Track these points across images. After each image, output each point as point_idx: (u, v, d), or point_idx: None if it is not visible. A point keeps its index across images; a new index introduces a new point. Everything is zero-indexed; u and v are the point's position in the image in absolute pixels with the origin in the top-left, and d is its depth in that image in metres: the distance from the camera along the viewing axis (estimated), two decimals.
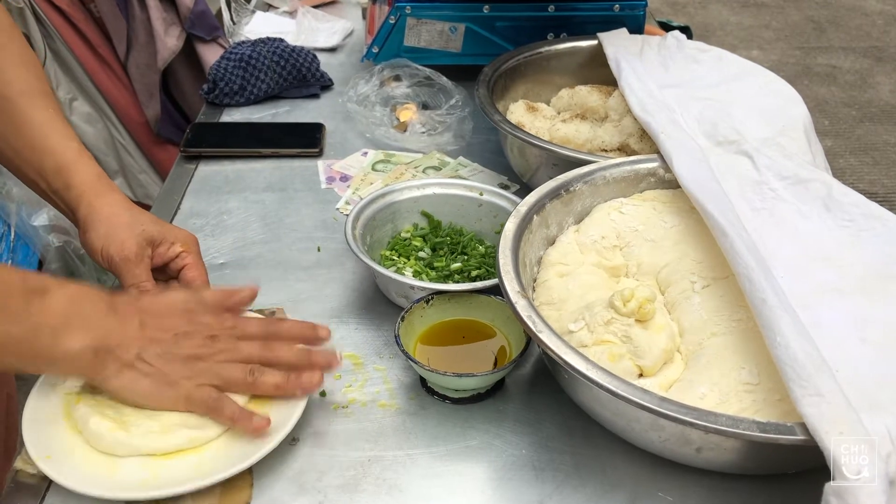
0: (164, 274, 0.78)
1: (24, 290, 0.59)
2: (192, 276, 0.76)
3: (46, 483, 0.63)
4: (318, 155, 1.11)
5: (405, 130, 1.13)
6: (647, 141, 0.94)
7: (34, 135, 0.76)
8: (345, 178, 1.06)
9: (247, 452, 0.62)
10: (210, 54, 1.72)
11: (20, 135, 0.76)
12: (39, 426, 0.64)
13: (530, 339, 0.68)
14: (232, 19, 1.57)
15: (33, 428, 0.63)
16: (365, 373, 0.75)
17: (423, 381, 0.73)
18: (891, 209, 0.75)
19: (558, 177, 0.81)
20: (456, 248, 0.86)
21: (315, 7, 1.62)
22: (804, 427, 0.53)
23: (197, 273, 0.77)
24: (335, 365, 0.68)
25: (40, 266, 1.66)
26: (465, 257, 0.85)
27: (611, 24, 1.16)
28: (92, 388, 0.66)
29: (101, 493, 0.59)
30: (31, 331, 0.59)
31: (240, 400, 0.65)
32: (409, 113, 1.15)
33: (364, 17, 1.55)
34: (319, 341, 0.70)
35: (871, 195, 0.76)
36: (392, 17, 1.23)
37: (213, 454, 0.63)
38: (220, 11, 1.64)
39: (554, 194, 0.79)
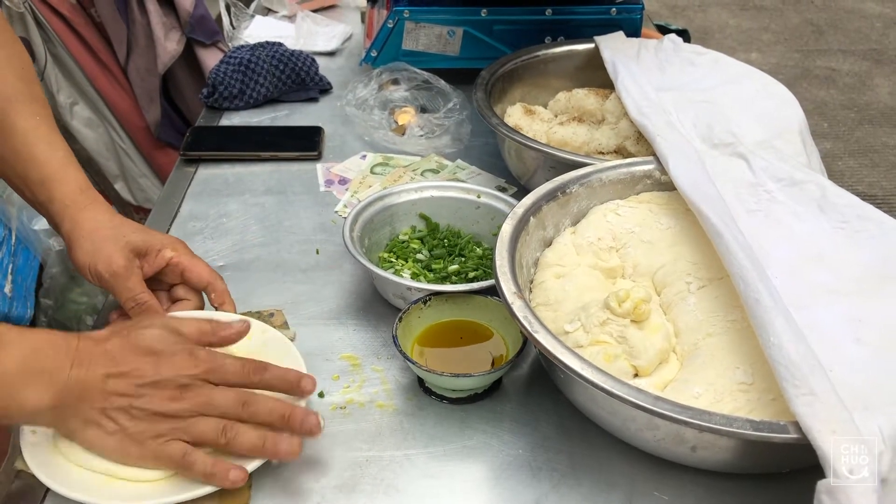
0: (161, 283, 0.77)
1: None
2: (195, 275, 0.76)
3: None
4: (317, 158, 1.12)
5: (403, 133, 1.14)
6: (643, 143, 0.95)
7: (18, 143, 0.74)
8: (343, 181, 1.07)
9: (245, 459, 0.62)
10: (210, 58, 1.73)
11: (6, 144, 0.74)
12: (36, 438, 0.63)
13: (527, 339, 0.69)
14: (231, 24, 1.58)
15: (30, 439, 0.63)
16: (363, 374, 0.75)
17: (420, 381, 0.73)
18: (890, 212, 0.76)
19: (555, 179, 0.81)
20: (454, 250, 0.87)
21: (314, 11, 1.63)
22: (797, 426, 0.54)
23: (197, 272, 0.76)
24: (317, 433, 0.62)
25: (41, 270, 1.66)
26: (463, 259, 0.85)
27: (608, 27, 1.17)
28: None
29: (98, 501, 0.59)
30: None
31: None
32: (407, 116, 1.16)
33: (363, 21, 1.56)
34: (303, 394, 0.64)
35: (870, 197, 0.77)
36: (390, 21, 1.24)
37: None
38: (219, 16, 1.64)
39: (551, 196, 0.79)
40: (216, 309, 0.76)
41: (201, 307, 0.78)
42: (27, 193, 0.76)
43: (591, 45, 1.12)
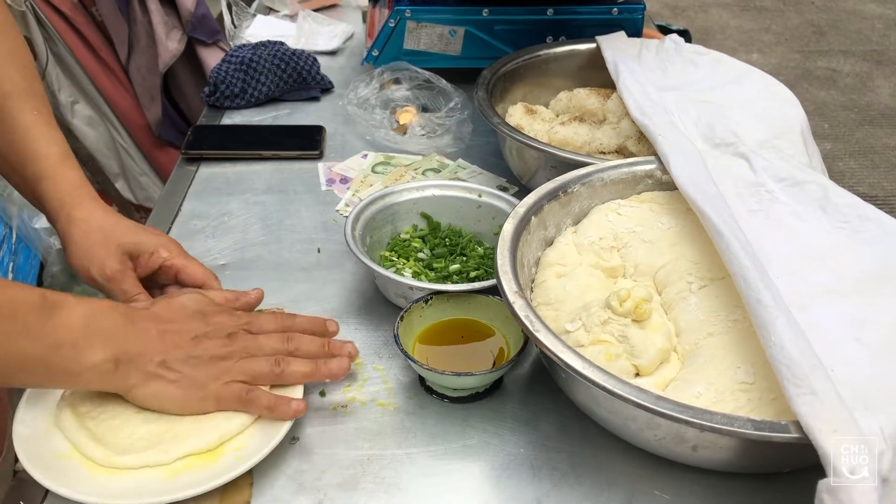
0: (156, 283, 0.77)
1: (41, 308, 0.58)
2: (189, 276, 0.76)
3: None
4: (319, 157, 1.12)
5: (405, 133, 1.14)
6: (644, 143, 0.95)
7: (17, 139, 0.75)
8: (345, 180, 1.07)
9: (247, 453, 0.63)
10: (211, 58, 1.73)
11: (4, 139, 0.75)
12: (32, 438, 0.63)
13: (528, 338, 0.69)
14: (233, 23, 1.58)
15: (26, 439, 0.63)
16: (364, 372, 0.75)
17: (421, 380, 0.73)
18: (890, 212, 0.76)
19: (557, 178, 0.81)
20: (455, 249, 0.87)
21: (315, 10, 1.63)
22: (798, 425, 0.54)
23: (191, 272, 0.76)
24: (355, 354, 0.71)
25: (41, 268, 1.66)
26: (464, 258, 0.85)
27: (609, 27, 1.17)
28: (72, 405, 0.66)
29: (100, 500, 0.59)
30: (53, 347, 0.58)
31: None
32: (408, 115, 1.16)
33: (364, 20, 1.56)
34: (330, 335, 0.72)
35: (870, 198, 0.77)
36: (392, 20, 1.24)
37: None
38: (221, 15, 1.65)
39: (552, 196, 0.80)
40: None
41: None
42: (25, 190, 0.77)
43: (593, 45, 1.12)
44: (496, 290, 0.69)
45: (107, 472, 0.61)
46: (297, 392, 0.67)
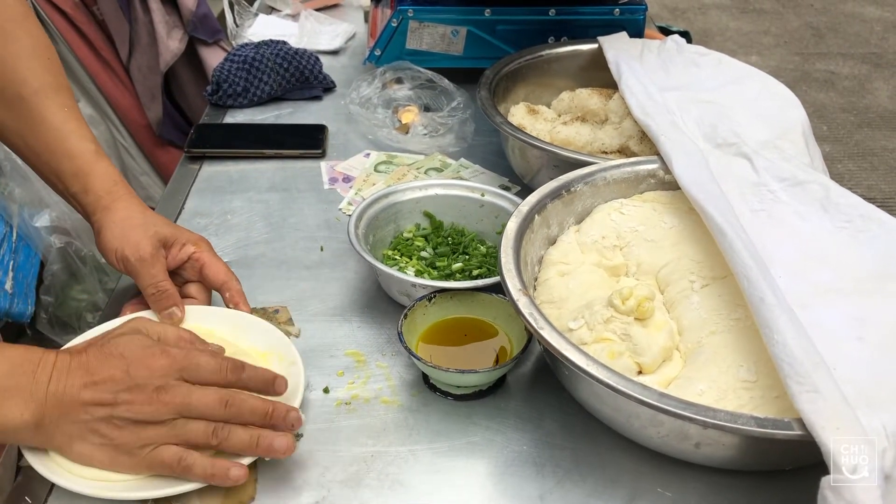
0: (180, 278, 0.79)
1: None
2: (213, 273, 0.77)
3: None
4: (321, 156, 1.12)
5: (407, 132, 1.14)
6: (647, 143, 0.95)
7: (50, 137, 0.76)
8: (347, 179, 1.07)
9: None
10: (212, 57, 1.74)
11: (37, 137, 0.76)
12: None
13: (531, 336, 0.69)
14: (235, 22, 1.58)
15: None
16: (367, 370, 0.75)
17: (425, 377, 0.74)
18: (889, 214, 0.76)
19: (560, 177, 0.81)
20: (457, 247, 0.87)
21: (317, 10, 1.63)
22: (801, 423, 0.54)
23: (215, 270, 0.77)
24: (299, 424, 0.62)
25: (42, 267, 1.66)
26: (467, 257, 0.86)
27: (611, 28, 1.18)
28: None
29: (105, 493, 0.59)
30: None
31: None
32: (410, 115, 1.16)
33: (366, 20, 1.56)
34: (275, 394, 0.64)
35: (869, 200, 0.77)
36: (394, 20, 1.24)
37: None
38: (222, 14, 1.65)
39: (555, 195, 0.80)
40: (230, 308, 0.77)
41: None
42: (59, 185, 0.77)
43: (595, 46, 1.12)
44: (499, 289, 0.70)
45: None
46: (298, 397, 0.65)
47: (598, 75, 1.10)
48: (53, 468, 0.60)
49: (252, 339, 0.73)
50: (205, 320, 0.75)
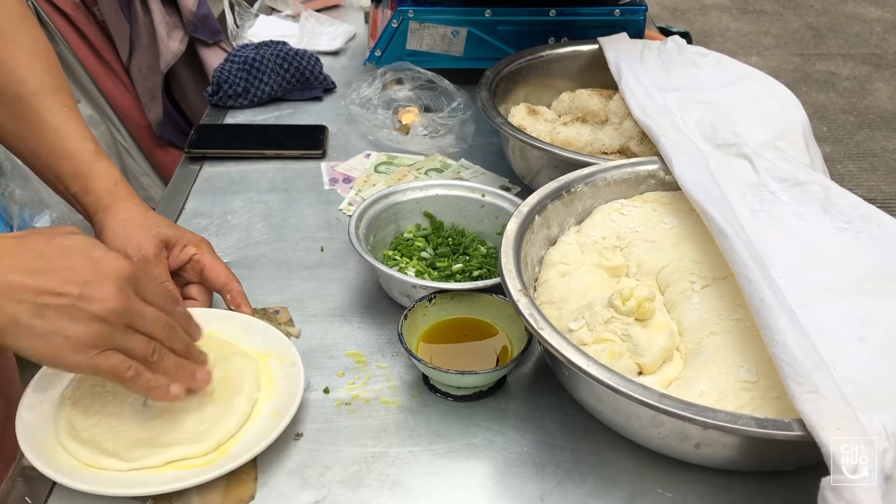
0: (180, 279, 0.79)
1: None
2: (214, 274, 0.77)
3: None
4: (322, 157, 1.12)
5: (407, 133, 1.14)
6: (647, 143, 0.95)
7: (50, 138, 0.76)
8: (348, 180, 1.07)
9: (250, 445, 0.63)
10: (212, 58, 1.74)
11: (37, 138, 0.76)
12: (35, 423, 0.64)
13: (532, 337, 0.69)
14: (235, 23, 1.58)
15: (28, 425, 0.64)
16: (368, 370, 0.75)
17: (425, 378, 0.74)
18: (889, 214, 0.76)
19: (560, 178, 0.82)
20: (458, 248, 0.87)
21: (318, 11, 1.63)
22: (802, 423, 0.54)
23: (215, 271, 0.77)
24: (206, 362, 0.66)
25: None
26: (467, 258, 0.86)
27: (611, 28, 1.18)
28: (73, 403, 0.66)
29: (106, 490, 0.59)
30: None
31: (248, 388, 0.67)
32: (411, 115, 1.16)
33: (366, 20, 1.56)
34: (194, 338, 0.67)
35: (869, 201, 0.77)
36: (395, 20, 1.25)
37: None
38: (223, 15, 1.65)
39: (555, 195, 0.80)
40: (232, 310, 0.77)
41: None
42: (59, 186, 0.77)
43: (595, 46, 1.12)
44: (499, 289, 0.70)
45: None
46: (298, 397, 0.66)
47: (599, 76, 1.10)
48: (54, 467, 0.60)
49: (252, 340, 0.73)
50: (205, 323, 0.75)
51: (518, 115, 1.06)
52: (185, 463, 0.63)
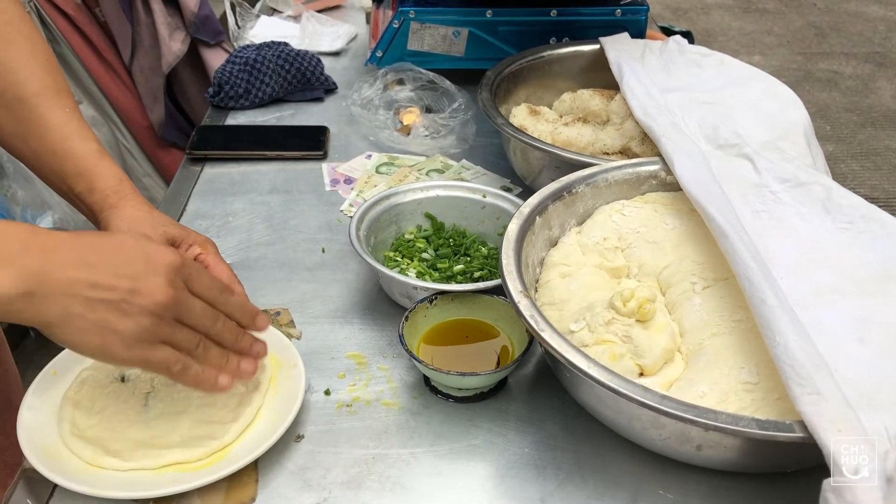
0: None
1: None
2: (216, 274, 0.76)
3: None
4: (323, 158, 1.12)
5: (408, 133, 1.14)
6: (648, 144, 0.95)
7: (53, 139, 0.75)
8: (349, 181, 1.07)
9: (251, 447, 0.63)
10: (214, 58, 1.74)
11: (39, 139, 0.75)
12: (36, 425, 0.64)
13: (532, 338, 0.69)
14: (237, 23, 1.58)
15: (29, 426, 0.64)
16: (369, 372, 0.75)
17: (426, 380, 0.74)
18: (892, 214, 0.76)
19: (561, 179, 0.81)
20: (459, 249, 0.87)
21: (319, 11, 1.63)
22: (803, 425, 0.54)
23: (219, 270, 0.76)
24: (263, 353, 0.66)
25: None
26: (468, 259, 0.86)
27: (613, 28, 1.18)
28: (75, 404, 0.66)
29: (107, 492, 0.59)
30: None
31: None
32: (412, 116, 1.16)
33: (368, 21, 1.56)
34: (255, 329, 0.66)
35: (872, 200, 0.77)
36: (396, 21, 1.24)
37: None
38: (224, 16, 1.65)
39: (556, 196, 0.80)
40: None
41: None
42: (63, 187, 0.77)
43: (596, 46, 1.12)
44: (500, 291, 0.70)
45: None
46: (299, 399, 0.67)
47: (600, 76, 1.10)
48: (55, 468, 0.60)
49: None
50: None
51: (519, 115, 1.06)
52: (186, 465, 0.63)
